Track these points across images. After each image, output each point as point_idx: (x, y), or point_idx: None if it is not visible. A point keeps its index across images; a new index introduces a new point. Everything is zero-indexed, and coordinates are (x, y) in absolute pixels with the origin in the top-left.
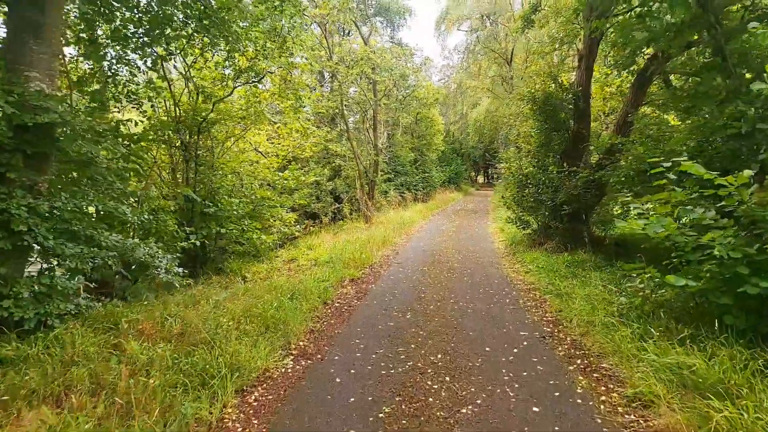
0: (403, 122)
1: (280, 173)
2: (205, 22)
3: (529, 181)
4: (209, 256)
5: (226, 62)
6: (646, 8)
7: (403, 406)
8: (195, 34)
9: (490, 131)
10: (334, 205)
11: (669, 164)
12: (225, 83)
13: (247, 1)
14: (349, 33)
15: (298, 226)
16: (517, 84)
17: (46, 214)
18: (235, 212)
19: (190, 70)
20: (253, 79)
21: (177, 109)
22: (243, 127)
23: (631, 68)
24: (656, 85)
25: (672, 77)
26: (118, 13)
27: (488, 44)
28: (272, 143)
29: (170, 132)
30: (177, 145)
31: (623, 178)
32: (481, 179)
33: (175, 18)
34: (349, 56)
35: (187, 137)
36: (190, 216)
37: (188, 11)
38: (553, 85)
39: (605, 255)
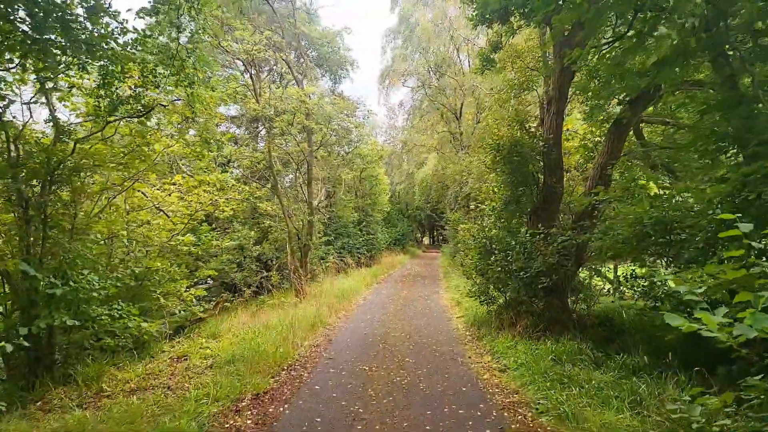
0: (346, 179)
1: (180, 237)
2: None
3: (494, 247)
4: (54, 358)
5: (102, 89)
6: (647, 29)
7: None
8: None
9: (438, 191)
10: (261, 273)
11: (749, 226)
12: (99, 117)
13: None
14: (281, 79)
15: (203, 304)
16: (467, 140)
17: None
18: (97, 293)
19: (48, 94)
20: (138, 113)
21: (15, 147)
22: (129, 177)
23: (606, 113)
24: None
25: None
26: None
27: (436, 98)
28: (183, 199)
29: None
30: (12, 199)
31: (620, 243)
32: (426, 241)
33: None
34: (281, 103)
35: (30, 189)
36: (29, 300)
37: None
38: (519, 131)
39: (594, 340)
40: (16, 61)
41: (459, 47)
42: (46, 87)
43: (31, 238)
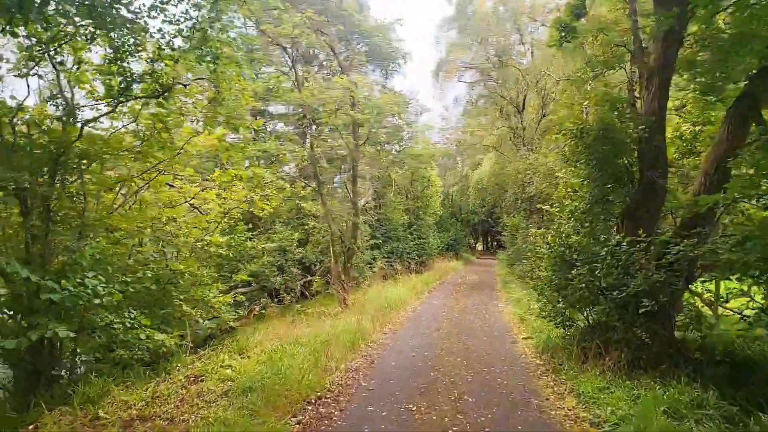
0: (396, 179)
1: (208, 237)
2: None
3: (576, 258)
4: (54, 374)
5: (113, 65)
6: None
7: None
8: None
9: (494, 194)
10: (304, 277)
11: None
12: (110, 98)
13: None
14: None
15: (238, 311)
16: (530, 136)
17: None
18: (101, 300)
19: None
20: (155, 93)
21: (12, 129)
22: (150, 168)
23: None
24: None
25: None
26: None
27: (495, 92)
28: (220, 196)
29: None
30: (11, 188)
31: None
32: (480, 246)
33: None
34: (324, 93)
35: (33, 177)
36: (30, 306)
37: None
38: (610, 112)
39: (716, 384)
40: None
41: (523, 35)
42: (56, 60)
43: (30, 234)
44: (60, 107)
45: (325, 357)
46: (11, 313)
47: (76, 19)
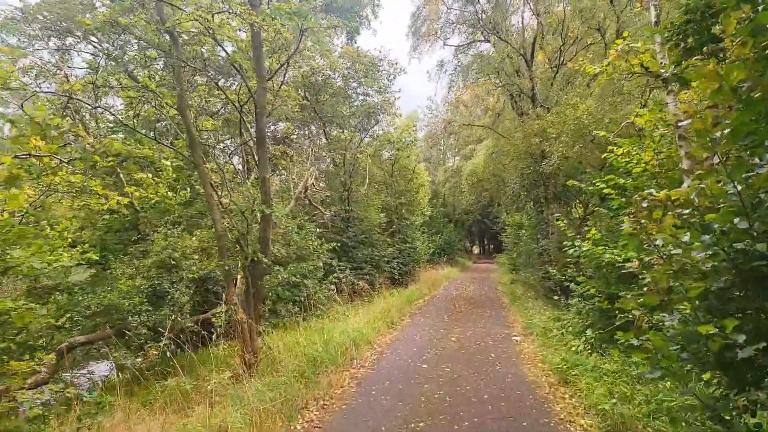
0: (367, 166)
1: None
2: None
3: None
4: None
5: None
6: None
7: None
8: None
9: (492, 188)
10: (202, 310)
11: None
12: None
13: None
14: None
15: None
16: (543, 94)
17: None
18: None
19: None
20: None
21: None
22: None
23: None
24: None
25: None
26: None
27: (494, 44)
28: None
29: None
30: None
31: None
32: (476, 250)
33: None
34: None
35: None
36: None
37: None
38: None
39: None
40: None
41: None
42: None
43: None
44: None
45: None
46: None
47: None
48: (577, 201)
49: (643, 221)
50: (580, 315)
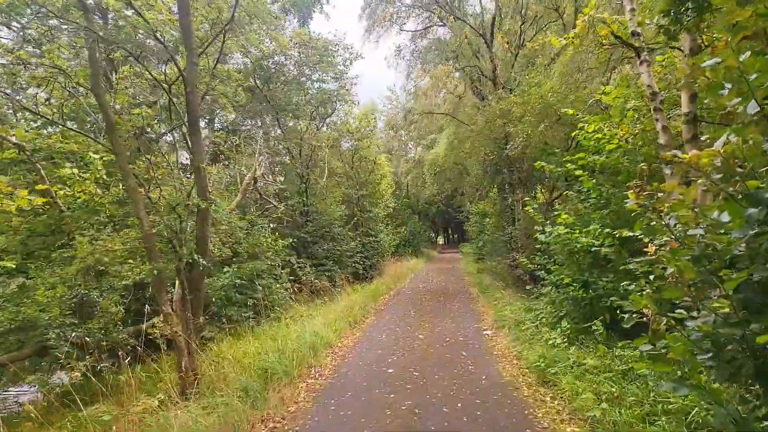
0: (324, 157)
1: None
2: None
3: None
4: None
5: None
6: None
7: None
8: None
9: (454, 179)
10: (137, 320)
11: None
12: None
13: None
14: None
15: None
16: (504, 76)
17: None
18: None
19: None
20: None
21: None
22: None
23: None
24: None
25: None
26: None
27: (452, 25)
28: None
29: None
30: None
31: None
32: (441, 240)
33: None
34: None
35: None
36: None
37: None
38: None
39: None
40: None
41: None
42: None
43: None
44: None
45: None
46: None
47: None
48: (541, 185)
49: (658, 194)
50: (553, 305)
